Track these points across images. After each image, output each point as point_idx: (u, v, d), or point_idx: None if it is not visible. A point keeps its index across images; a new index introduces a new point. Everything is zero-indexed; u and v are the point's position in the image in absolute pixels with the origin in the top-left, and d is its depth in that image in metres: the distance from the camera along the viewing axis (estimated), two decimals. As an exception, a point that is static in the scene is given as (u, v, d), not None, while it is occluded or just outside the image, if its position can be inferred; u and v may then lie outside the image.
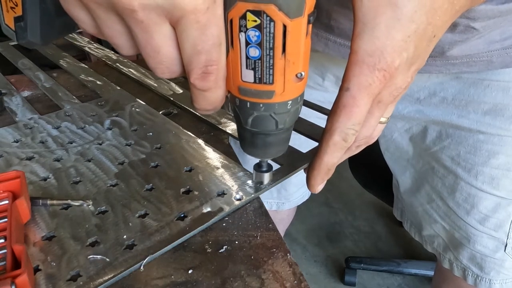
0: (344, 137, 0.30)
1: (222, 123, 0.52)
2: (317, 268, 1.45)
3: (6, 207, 0.35)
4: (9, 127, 0.52)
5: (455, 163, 0.57)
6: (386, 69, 0.26)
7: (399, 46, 0.26)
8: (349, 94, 0.28)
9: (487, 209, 0.56)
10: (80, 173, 0.43)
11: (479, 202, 0.56)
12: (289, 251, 0.34)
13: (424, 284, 1.38)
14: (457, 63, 0.46)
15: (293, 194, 0.79)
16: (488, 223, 0.57)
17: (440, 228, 0.64)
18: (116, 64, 0.73)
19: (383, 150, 0.69)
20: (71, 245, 0.34)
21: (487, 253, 0.59)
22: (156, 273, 0.32)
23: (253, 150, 0.32)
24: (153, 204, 0.38)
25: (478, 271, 0.61)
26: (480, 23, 0.41)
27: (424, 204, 0.65)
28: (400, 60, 0.26)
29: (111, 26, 0.25)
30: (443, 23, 0.28)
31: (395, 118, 0.60)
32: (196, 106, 0.28)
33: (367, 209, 1.67)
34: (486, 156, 0.54)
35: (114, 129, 0.51)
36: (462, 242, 0.61)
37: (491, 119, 0.51)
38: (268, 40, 0.24)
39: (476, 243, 0.59)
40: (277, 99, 0.27)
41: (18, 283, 0.27)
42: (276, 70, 0.25)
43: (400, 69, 0.27)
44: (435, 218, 0.64)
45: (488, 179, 0.55)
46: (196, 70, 0.25)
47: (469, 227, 0.58)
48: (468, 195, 0.57)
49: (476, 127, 0.53)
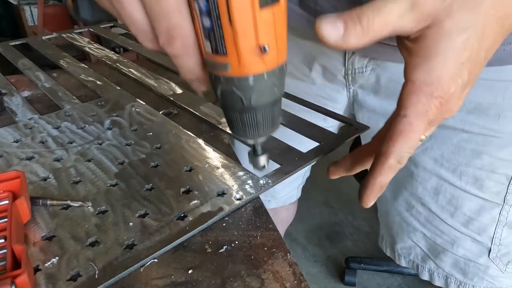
0: (400, 159, 0.31)
1: (222, 123, 0.52)
2: (317, 268, 1.45)
3: (6, 207, 0.35)
4: (9, 127, 0.52)
5: (438, 164, 0.56)
6: (442, 96, 0.28)
7: (454, 73, 0.28)
8: (407, 121, 0.29)
9: (470, 211, 0.56)
10: (80, 173, 0.43)
11: (463, 203, 0.56)
12: (289, 251, 0.34)
13: (424, 284, 1.37)
14: None
15: (279, 191, 0.79)
16: (471, 226, 0.56)
17: (420, 236, 0.63)
18: (116, 64, 0.73)
19: None
20: (71, 245, 0.34)
21: (471, 258, 0.58)
22: (156, 273, 0.32)
23: (234, 130, 0.32)
24: (153, 204, 0.38)
25: (461, 277, 0.60)
26: None
27: (402, 212, 0.64)
28: (455, 87, 0.28)
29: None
30: (493, 44, 0.29)
31: (379, 116, 0.59)
32: (182, 76, 0.30)
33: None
34: (470, 156, 0.53)
35: (114, 129, 0.51)
36: (444, 247, 0.60)
37: (475, 118, 0.51)
38: (213, 9, 0.24)
39: (460, 247, 0.58)
40: (234, 73, 0.27)
41: (18, 283, 0.27)
42: (227, 40, 0.25)
43: (455, 95, 0.29)
44: (414, 226, 0.63)
45: (472, 179, 0.54)
46: (161, 35, 0.26)
47: (453, 230, 0.58)
48: (452, 196, 0.56)
49: (460, 126, 0.52)
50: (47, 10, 2.50)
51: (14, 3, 2.83)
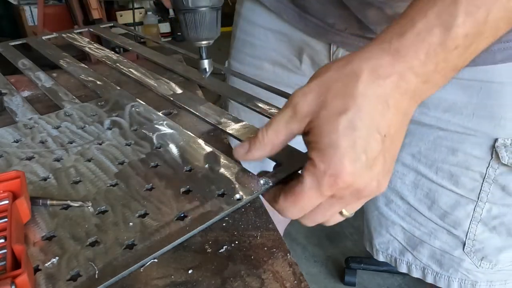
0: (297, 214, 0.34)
1: (222, 123, 0.52)
2: (317, 268, 1.45)
3: (6, 207, 0.35)
4: (9, 127, 0.52)
5: (416, 159, 0.58)
6: (334, 174, 0.30)
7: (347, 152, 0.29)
8: (301, 188, 0.32)
9: (446, 205, 0.57)
10: (80, 173, 0.43)
11: (439, 197, 0.58)
12: (289, 251, 0.34)
13: (424, 284, 1.37)
14: None
15: None
16: (447, 220, 0.58)
17: (398, 229, 0.64)
18: (116, 64, 0.73)
19: None
20: (71, 245, 0.34)
21: (447, 249, 0.60)
22: (156, 273, 0.32)
23: (182, 32, 0.40)
24: (153, 204, 0.38)
25: (437, 268, 0.62)
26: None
27: (381, 207, 0.65)
28: (353, 166, 0.30)
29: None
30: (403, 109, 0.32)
31: None
32: None
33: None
34: (445, 152, 0.55)
35: (114, 129, 0.51)
36: (422, 239, 0.62)
37: (450, 116, 0.53)
38: None
39: (437, 239, 0.60)
40: None
41: (18, 283, 0.27)
42: None
43: (357, 172, 0.30)
44: (393, 220, 0.64)
45: (447, 175, 0.56)
46: None
47: (430, 222, 0.60)
48: (429, 190, 0.58)
49: (436, 123, 0.54)
50: (47, 10, 2.49)
51: (14, 3, 2.83)
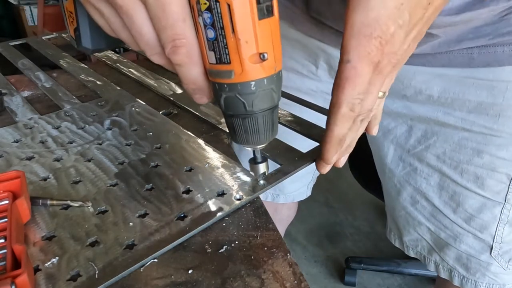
0: (351, 107, 0.31)
1: (222, 123, 0.52)
2: (317, 268, 1.45)
3: (6, 207, 0.35)
4: (9, 127, 0.52)
5: (441, 161, 0.57)
6: (382, 36, 0.27)
7: (393, 13, 0.27)
8: (351, 66, 0.29)
9: (472, 209, 0.56)
10: (80, 173, 0.43)
11: (465, 200, 0.56)
12: (289, 251, 0.34)
13: (424, 284, 1.38)
14: (438, 56, 0.47)
15: (287, 186, 0.79)
16: (473, 223, 0.57)
17: (425, 230, 0.64)
18: (116, 64, 0.73)
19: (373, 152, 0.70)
20: (71, 245, 0.34)
21: (473, 254, 0.59)
22: (156, 273, 0.32)
23: (237, 138, 0.34)
24: (153, 204, 0.38)
25: (464, 272, 0.61)
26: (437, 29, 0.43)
27: (407, 207, 0.65)
28: (395, 27, 0.28)
29: (113, 21, 0.29)
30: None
31: (383, 113, 0.61)
32: (184, 87, 0.32)
33: (367, 209, 1.67)
34: (470, 154, 0.54)
35: (114, 129, 0.51)
36: (448, 242, 0.61)
37: (475, 117, 0.52)
38: (218, 20, 0.27)
39: (462, 243, 0.59)
40: (238, 79, 0.29)
41: (18, 283, 0.27)
42: (230, 50, 0.28)
43: (396, 36, 0.28)
44: (419, 220, 0.64)
45: (473, 177, 0.55)
46: (167, 44, 0.28)
47: (455, 226, 0.59)
48: (454, 192, 0.57)
49: (461, 124, 0.53)
50: (47, 10, 2.49)
51: (14, 3, 2.83)
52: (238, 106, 0.31)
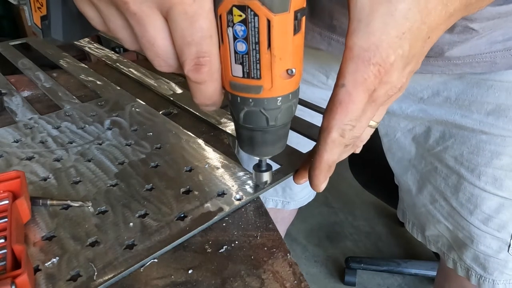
0: (342, 133, 0.30)
1: (222, 123, 0.52)
2: (317, 268, 1.45)
3: (6, 207, 0.35)
4: (9, 127, 0.52)
5: (458, 163, 0.57)
6: (381, 64, 0.26)
7: (394, 42, 0.26)
8: (345, 90, 0.28)
9: (490, 210, 0.56)
10: (80, 173, 0.43)
11: (482, 202, 0.56)
12: (289, 251, 0.34)
13: (424, 284, 1.38)
14: (460, 64, 0.46)
15: (297, 193, 0.79)
16: (491, 224, 0.57)
17: (444, 228, 0.64)
18: (116, 64, 0.73)
19: (386, 150, 0.69)
20: (71, 245, 0.34)
21: (491, 254, 0.59)
22: (156, 273, 0.32)
23: (248, 148, 0.33)
24: (153, 204, 0.38)
25: (481, 271, 0.61)
26: (479, 24, 0.41)
27: (427, 204, 0.65)
28: (395, 56, 0.26)
29: (114, 21, 0.27)
30: (437, 25, 0.28)
31: (399, 117, 0.60)
32: (196, 101, 0.29)
33: (367, 209, 1.67)
34: (489, 156, 0.53)
35: (114, 129, 0.51)
36: (465, 242, 0.61)
37: (494, 119, 0.51)
38: (253, 35, 0.25)
39: (480, 244, 0.59)
40: (265, 95, 0.28)
41: (18, 283, 0.27)
42: (263, 65, 0.26)
43: (395, 66, 0.27)
44: (438, 219, 0.64)
45: (491, 179, 0.54)
46: (189, 61, 0.26)
47: (472, 227, 0.58)
48: (471, 195, 0.57)
49: (479, 127, 0.53)
50: (47, 10, 2.49)
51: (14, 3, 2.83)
52: (260, 121, 0.29)
